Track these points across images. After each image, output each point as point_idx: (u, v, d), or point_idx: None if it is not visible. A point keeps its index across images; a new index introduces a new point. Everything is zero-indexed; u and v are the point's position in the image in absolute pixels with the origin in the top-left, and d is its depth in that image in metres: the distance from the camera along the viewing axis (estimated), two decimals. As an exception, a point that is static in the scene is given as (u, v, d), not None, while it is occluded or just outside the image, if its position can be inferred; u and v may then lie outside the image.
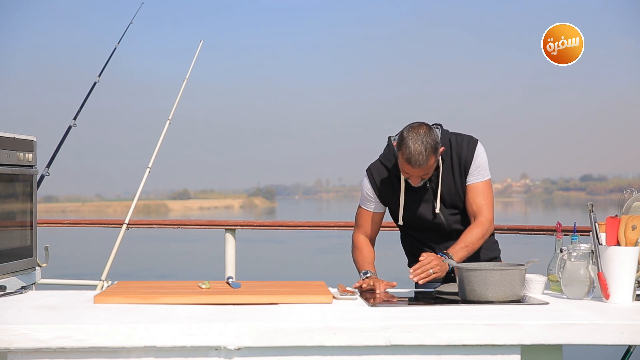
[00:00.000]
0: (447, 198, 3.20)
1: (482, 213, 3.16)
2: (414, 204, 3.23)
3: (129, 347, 2.20)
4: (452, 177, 3.19)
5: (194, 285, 2.82)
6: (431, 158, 3.00)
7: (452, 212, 3.24)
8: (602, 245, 2.67)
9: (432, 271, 2.88)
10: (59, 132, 5.06)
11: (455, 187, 3.19)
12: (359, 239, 3.35)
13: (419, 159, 2.97)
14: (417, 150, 2.97)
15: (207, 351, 2.23)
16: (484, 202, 3.17)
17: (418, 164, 2.99)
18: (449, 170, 3.19)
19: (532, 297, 2.76)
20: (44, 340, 2.18)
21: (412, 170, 3.02)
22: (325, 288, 2.83)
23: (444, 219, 3.22)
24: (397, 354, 2.26)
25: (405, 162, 3.01)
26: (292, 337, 2.23)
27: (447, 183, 3.19)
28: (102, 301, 2.59)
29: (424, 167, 3.00)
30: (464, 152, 3.17)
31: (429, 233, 3.28)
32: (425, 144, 2.98)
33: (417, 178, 3.08)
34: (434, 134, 3.02)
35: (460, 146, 3.18)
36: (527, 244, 15.54)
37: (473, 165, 3.17)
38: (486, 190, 3.19)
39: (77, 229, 6.99)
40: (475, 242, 3.09)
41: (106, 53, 5.40)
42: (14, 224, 3.74)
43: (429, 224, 3.24)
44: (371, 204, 3.31)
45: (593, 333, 2.28)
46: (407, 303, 2.69)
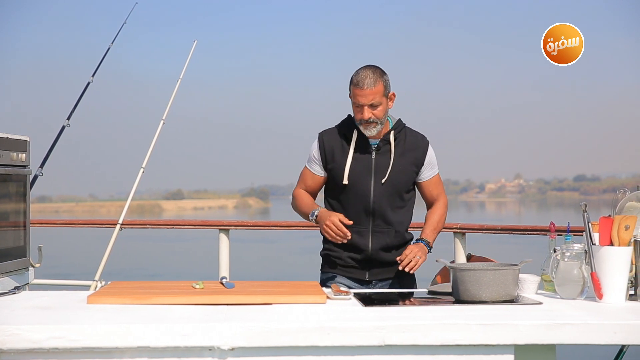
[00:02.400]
0: (394, 176, 3.31)
1: (440, 198, 3.49)
2: (359, 170, 3.32)
3: (122, 347, 2.20)
4: (402, 159, 3.33)
5: (187, 286, 2.82)
6: (379, 82, 3.21)
7: (390, 195, 3.32)
8: (596, 245, 2.67)
9: (418, 257, 3.19)
10: (53, 132, 5.05)
11: (401, 169, 3.32)
12: (299, 192, 3.48)
13: (367, 80, 3.19)
14: (365, 73, 3.22)
15: (200, 351, 2.22)
16: (440, 190, 3.50)
17: (367, 85, 3.19)
18: (399, 151, 3.33)
19: (526, 297, 2.77)
20: (37, 341, 2.18)
21: (361, 93, 3.20)
22: (319, 288, 2.83)
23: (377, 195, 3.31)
24: (390, 354, 2.26)
25: (354, 88, 3.23)
26: (286, 337, 2.23)
27: (397, 162, 3.32)
28: (96, 301, 2.58)
29: (373, 89, 3.19)
30: (420, 146, 3.38)
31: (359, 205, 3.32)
32: (373, 70, 3.24)
33: (367, 110, 3.21)
34: (386, 74, 3.28)
35: (415, 138, 3.40)
36: (520, 244, 15.57)
37: (427, 160, 3.39)
38: (440, 182, 3.51)
39: (70, 229, 6.99)
40: (439, 224, 3.45)
41: (100, 53, 5.39)
42: (7, 224, 3.73)
43: (366, 194, 3.31)
44: (315, 166, 3.43)
45: (586, 333, 2.29)
46: (401, 303, 2.69)
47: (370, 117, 3.22)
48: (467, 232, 5.14)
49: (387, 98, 3.26)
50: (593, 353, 5.42)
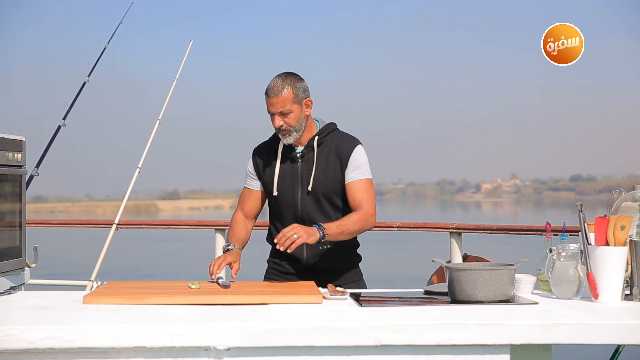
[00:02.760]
0: (319, 184, 3.25)
1: (363, 206, 3.22)
2: (286, 180, 3.29)
3: (118, 347, 2.20)
4: (327, 164, 3.26)
5: (183, 286, 2.82)
6: (287, 90, 3.16)
7: (319, 202, 3.26)
8: (591, 245, 2.68)
9: (296, 236, 2.93)
10: (49, 132, 5.04)
11: (327, 174, 3.25)
12: (235, 218, 3.45)
13: (274, 88, 3.16)
14: (274, 81, 3.19)
15: (196, 351, 2.22)
16: (366, 197, 3.24)
17: (274, 93, 3.15)
18: (325, 155, 3.27)
19: (522, 297, 2.77)
20: (32, 341, 2.18)
21: (269, 101, 3.17)
22: (315, 288, 2.83)
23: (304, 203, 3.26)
24: (387, 354, 2.27)
25: (265, 96, 3.20)
26: (282, 337, 2.23)
27: (321, 167, 3.25)
28: (92, 301, 2.58)
29: (279, 97, 3.15)
30: (344, 148, 3.27)
31: (290, 216, 3.30)
32: (284, 77, 3.20)
33: (277, 119, 3.17)
34: (302, 82, 3.23)
35: (342, 141, 3.30)
36: (516, 244, 15.57)
37: (351, 163, 3.24)
38: (368, 187, 3.26)
39: (66, 229, 6.98)
40: (351, 226, 3.15)
41: (96, 53, 5.39)
42: (3, 224, 3.73)
43: (294, 203, 3.28)
44: (251, 182, 3.41)
45: (582, 333, 2.29)
46: (397, 303, 2.69)
47: (281, 125, 3.17)
48: (463, 232, 5.14)
49: (300, 105, 3.19)
50: (589, 353, 5.43)
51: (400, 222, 5.46)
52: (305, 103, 3.22)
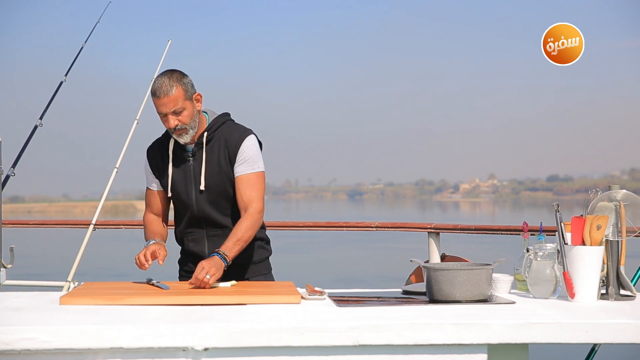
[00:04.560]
0: (211, 181, 3.22)
1: (252, 204, 3.17)
2: (180, 180, 3.26)
3: (95, 348, 2.19)
4: (217, 160, 3.22)
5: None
6: (177, 87, 3.08)
7: (214, 200, 3.24)
8: (568, 245, 2.70)
9: (209, 276, 2.84)
10: (25, 131, 5.00)
11: (219, 170, 3.21)
12: (148, 217, 3.41)
13: (163, 88, 3.07)
14: (161, 81, 3.10)
15: (174, 352, 2.22)
16: (254, 193, 3.19)
17: (163, 93, 3.07)
18: (215, 151, 3.22)
19: (499, 296, 2.78)
20: (8, 342, 2.16)
21: (160, 102, 3.10)
22: (293, 288, 2.83)
23: (199, 203, 3.23)
24: (365, 354, 2.27)
25: (153, 98, 3.11)
26: (260, 337, 2.23)
27: (211, 164, 3.22)
28: (69, 302, 2.57)
29: (170, 97, 3.07)
30: (233, 140, 3.21)
31: (187, 216, 3.28)
32: (169, 75, 3.11)
33: (171, 119, 3.11)
34: (188, 78, 3.15)
35: (232, 133, 3.24)
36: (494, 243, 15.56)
37: (240, 156, 3.19)
38: (257, 182, 3.21)
39: (43, 230, 6.92)
40: (245, 235, 3.09)
41: (73, 52, 5.36)
42: (-21, 225, 3.69)
43: (189, 203, 3.26)
44: (152, 183, 3.36)
45: (559, 332, 2.31)
46: (375, 303, 2.69)
47: (176, 124, 3.12)
48: (441, 232, 5.15)
49: (191, 101, 3.14)
50: (565, 352, 5.46)
51: (378, 222, 5.47)
52: (195, 98, 3.17)
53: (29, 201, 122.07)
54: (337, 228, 5.72)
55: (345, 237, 27.55)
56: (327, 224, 5.83)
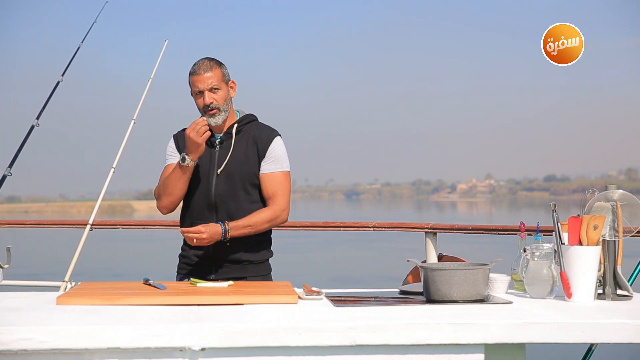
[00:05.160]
0: (233, 168, 3.27)
1: (276, 200, 3.26)
2: (203, 163, 3.30)
3: (92, 348, 2.18)
4: (245, 151, 3.28)
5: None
6: (216, 68, 3.25)
7: (233, 187, 3.27)
8: (565, 245, 2.70)
9: (196, 241, 3.07)
10: (22, 131, 5.00)
11: (244, 161, 3.27)
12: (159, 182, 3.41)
13: (204, 65, 3.23)
14: (201, 62, 3.26)
15: (171, 352, 2.21)
16: (279, 191, 3.28)
17: (203, 70, 3.22)
18: (243, 144, 3.30)
19: (496, 296, 2.79)
20: (5, 343, 2.15)
21: (199, 78, 3.22)
22: (290, 288, 2.83)
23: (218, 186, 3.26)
24: (362, 354, 2.27)
25: (192, 76, 3.25)
26: (258, 337, 2.23)
27: (238, 154, 3.28)
28: (66, 302, 2.56)
29: (210, 75, 3.22)
30: (263, 137, 3.30)
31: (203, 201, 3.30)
32: (210, 59, 3.28)
33: (208, 95, 3.22)
34: (224, 65, 3.31)
35: (261, 131, 3.33)
36: (491, 243, 15.60)
37: (269, 153, 3.28)
38: (283, 180, 3.31)
39: (40, 230, 6.92)
40: (259, 224, 3.21)
41: (70, 52, 5.35)
42: (-25, 225, 3.69)
43: (207, 187, 3.29)
44: (172, 157, 3.39)
45: (555, 332, 2.31)
46: (372, 303, 2.69)
47: (211, 101, 3.22)
48: (438, 232, 5.15)
49: (227, 85, 3.28)
50: (562, 352, 5.47)
51: (375, 222, 5.47)
52: (230, 85, 3.30)
53: (25, 201, 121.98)
54: (335, 228, 5.73)
55: (343, 237, 27.55)
56: (324, 224, 5.83)
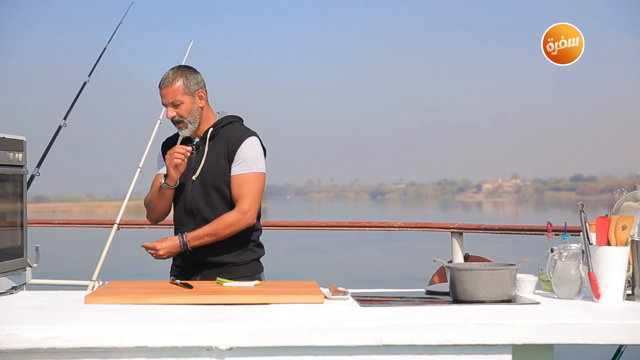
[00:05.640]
0: (207, 173, 3.27)
1: (240, 204, 3.22)
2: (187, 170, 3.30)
3: (120, 347, 2.20)
4: (217, 156, 3.28)
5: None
6: (178, 81, 3.23)
7: (207, 193, 3.27)
8: (593, 245, 2.68)
9: (155, 256, 3.20)
10: (49, 131, 5.05)
11: (217, 166, 3.27)
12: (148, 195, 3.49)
13: (166, 79, 3.24)
14: (166, 74, 3.27)
15: (198, 351, 2.22)
16: (244, 192, 3.23)
17: (165, 84, 3.23)
18: (217, 148, 3.29)
19: (523, 296, 2.77)
20: (34, 341, 2.18)
21: (162, 94, 3.25)
22: (316, 288, 2.83)
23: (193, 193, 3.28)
24: (388, 354, 2.26)
25: (159, 89, 3.27)
26: (284, 337, 2.23)
27: (211, 159, 3.28)
28: (93, 301, 2.58)
29: (170, 89, 3.23)
30: (234, 139, 3.28)
31: (180, 207, 3.34)
32: (176, 69, 3.28)
33: (170, 110, 3.25)
34: (196, 74, 3.30)
35: (234, 133, 3.31)
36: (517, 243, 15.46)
37: (238, 155, 3.25)
38: (250, 182, 3.24)
39: (67, 229, 6.97)
40: (220, 230, 3.19)
41: (97, 53, 5.39)
42: (4, 224, 3.73)
43: (184, 195, 3.31)
44: (162, 168, 3.42)
45: (584, 333, 2.29)
46: (399, 303, 2.69)
47: (174, 116, 3.25)
48: (464, 232, 5.13)
49: (192, 97, 3.25)
50: (591, 353, 5.42)
51: (401, 222, 5.46)
52: (198, 95, 3.28)
53: (53, 201, 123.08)
54: (360, 228, 5.72)
55: (368, 237, 27.53)
56: (349, 224, 5.83)
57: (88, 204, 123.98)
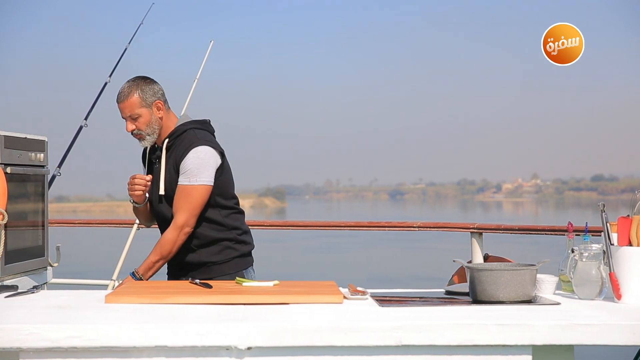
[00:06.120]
0: (169, 187, 3.27)
1: (176, 218, 3.19)
2: (153, 181, 3.33)
3: (140, 346, 2.21)
4: (172, 167, 3.27)
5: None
6: (132, 94, 3.21)
7: (168, 202, 3.28)
8: (614, 246, 2.66)
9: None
10: (70, 132, 5.08)
11: (171, 179, 3.27)
12: None
13: (121, 94, 3.23)
14: (122, 87, 3.26)
15: (217, 351, 2.23)
16: (178, 205, 3.19)
17: (121, 99, 3.22)
18: (173, 159, 3.27)
19: (544, 297, 2.75)
20: (55, 340, 2.19)
21: (119, 107, 3.25)
22: (335, 288, 2.83)
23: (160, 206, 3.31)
24: (407, 354, 2.26)
25: (117, 103, 3.26)
26: (303, 337, 2.23)
27: (169, 170, 3.28)
28: (114, 301, 2.60)
29: (125, 103, 3.22)
30: (181, 149, 3.25)
31: (156, 217, 3.38)
32: (131, 82, 3.26)
33: (128, 124, 3.24)
34: (152, 85, 3.27)
35: (183, 143, 3.26)
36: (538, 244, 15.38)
37: (182, 167, 3.22)
38: (188, 194, 3.18)
39: (88, 229, 7.03)
40: (166, 251, 3.19)
41: (117, 53, 5.42)
42: (26, 224, 3.76)
43: (155, 206, 3.34)
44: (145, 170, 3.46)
45: (605, 333, 2.28)
46: (418, 303, 2.68)
47: (133, 129, 3.24)
48: (484, 232, 5.12)
49: (149, 108, 3.24)
50: (611, 354, 5.39)
51: (420, 222, 5.45)
52: (155, 105, 3.25)
53: (74, 201, 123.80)
54: (379, 228, 5.72)
55: (387, 237, 27.50)
56: (368, 224, 5.83)
57: (108, 203, 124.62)
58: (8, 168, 3.49)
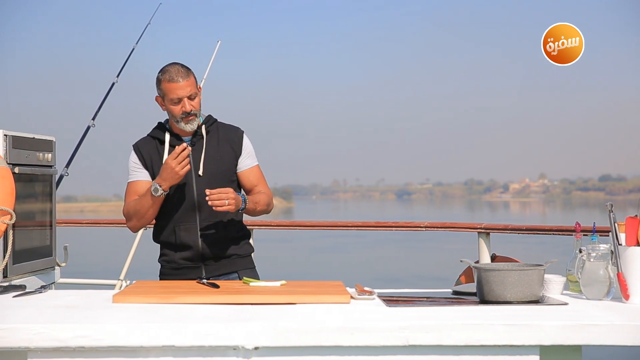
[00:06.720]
0: (210, 167, 3.28)
1: (264, 189, 3.39)
2: None
3: (147, 346, 2.21)
4: (217, 151, 3.30)
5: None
6: (191, 75, 3.23)
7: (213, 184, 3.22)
8: (622, 246, 2.65)
9: (227, 202, 3.05)
10: (78, 132, 5.09)
11: (220, 160, 3.29)
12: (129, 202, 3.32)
13: (181, 73, 3.20)
14: (175, 68, 3.22)
15: (225, 351, 2.23)
16: (263, 181, 3.42)
17: (182, 77, 3.19)
18: (214, 144, 3.31)
19: (551, 297, 2.75)
20: (63, 340, 2.20)
21: (179, 86, 3.19)
22: (342, 288, 2.83)
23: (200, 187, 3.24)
24: (414, 354, 2.26)
25: (169, 83, 3.19)
26: (310, 337, 2.23)
27: (212, 154, 3.30)
28: (121, 300, 2.60)
29: (189, 81, 3.20)
30: (233, 135, 3.36)
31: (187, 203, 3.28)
32: (181, 65, 3.25)
33: (188, 102, 3.20)
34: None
35: (228, 129, 3.39)
36: (545, 244, 15.36)
37: (244, 150, 3.36)
38: (261, 173, 3.44)
39: (96, 229, 7.05)
40: (261, 204, 3.30)
41: (125, 54, 5.43)
42: (34, 224, 3.77)
43: (190, 190, 3.27)
44: (137, 173, 3.32)
45: (612, 334, 2.27)
46: (425, 303, 2.68)
47: (191, 109, 3.22)
48: (491, 232, 5.11)
49: (199, 90, 3.28)
50: (619, 354, 5.38)
51: (427, 222, 5.44)
52: (199, 89, 3.30)
53: (81, 201, 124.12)
54: (386, 228, 5.71)
55: (394, 237, 27.48)
56: (375, 224, 5.83)
57: (116, 203, 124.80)
58: (16, 168, 3.50)
